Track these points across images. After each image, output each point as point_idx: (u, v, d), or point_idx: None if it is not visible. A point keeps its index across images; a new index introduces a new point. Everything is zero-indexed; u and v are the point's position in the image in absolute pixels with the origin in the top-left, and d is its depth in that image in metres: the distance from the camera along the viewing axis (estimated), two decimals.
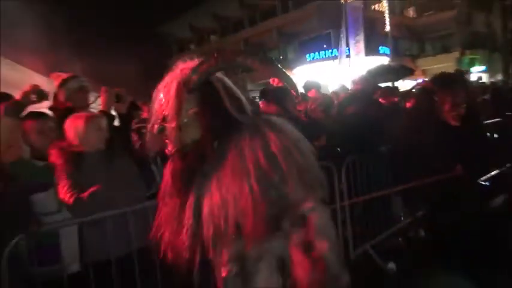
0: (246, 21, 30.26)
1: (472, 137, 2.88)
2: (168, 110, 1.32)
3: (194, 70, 1.32)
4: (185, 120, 1.33)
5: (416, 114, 3.10)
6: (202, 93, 1.33)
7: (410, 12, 28.18)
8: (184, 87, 1.32)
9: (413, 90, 6.86)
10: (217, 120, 1.33)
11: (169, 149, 1.39)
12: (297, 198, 1.23)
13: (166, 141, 1.38)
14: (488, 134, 5.06)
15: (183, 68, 1.38)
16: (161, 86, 1.38)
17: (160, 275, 2.68)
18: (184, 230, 1.34)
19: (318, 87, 5.88)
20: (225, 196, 1.22)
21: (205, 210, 1.27)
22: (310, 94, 5.66)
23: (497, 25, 25.67)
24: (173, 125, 1.32)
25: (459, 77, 4.50)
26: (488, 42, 26.03)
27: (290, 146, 1.24)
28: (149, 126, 1.41)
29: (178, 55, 34.74)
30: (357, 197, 3.99)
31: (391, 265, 3.86)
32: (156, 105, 1.37)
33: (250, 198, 1.18)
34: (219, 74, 1.39)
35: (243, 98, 1.42)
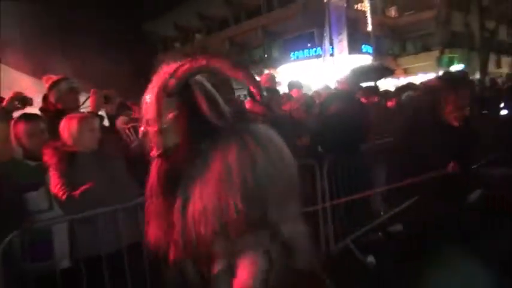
0: (230, 19, 30.27)
1: (469, 138, 2.93)
2: (150, 114, 1.35)
3: (172, 74, 1.33)
4: (165, 124, 1.34)
5: (418, 113, 3.09)
6: (181, 97, 1.33)
7: (392, 11, 28.61)
8: (164, 91, 1.32)
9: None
10: (195, 125, 1.33)
11: (153, 152, 1.40)
12: (277, 218, 1.25)
13: (150, 144, 1.40)
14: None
15: (164, 71, 1.39)
16: (148, 89, 1.40)
17: (149, 271, 2.79)
18: (175, 232, 1.35)
19: (299, 86, 6.02)
20: (206, 204, 1.23)
21: (189, 214, 1.29)
22: (293, 93, 5.80)
23: (475, 25, 26.30)
24: (154, 128, 1.34)
25: (465, 78, 4.56)
26: (466, 42, 26.63)
27: (276, 163, 1.24)
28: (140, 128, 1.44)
29: (163, 54, 34.73)
30: (338, 195, 4.13)
31: (371, 259, 4.02)
32: (143, 109, 1.41)
33: (234, 213, 1.20)
34: (199, 78, 1.38)
35: (222, 103, 1.39)
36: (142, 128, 1.42)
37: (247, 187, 1.21)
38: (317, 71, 17.33)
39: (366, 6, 20.60)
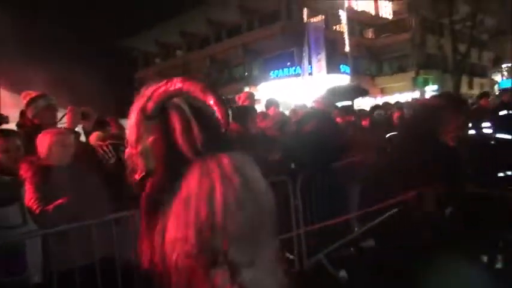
0: (211, 37, 30.63)
1: (460, 157, 2.97)
2: (131, 136, 1.32)
3: (149, 97, 1.30)
4: (145, 147, 1.31)
5: (417, 132, 3.00)
6: (158, 121, 1.30)
7: (369, 33, 29.54)
8: (143, 114, 1.30)
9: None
10: (169, 151, 1.29)
11: (136, 175, 1.36)
12: (238, 259, 1.15)
13: (133, 166, 1.36)
14: None
15: (144, 93, 1.33)
16: (131, 110, 1.35)
17: (122, 285, 2.82)
18: (156, 256, 1.31)
19: (277, 105, 6.18)
20: (173, 236, 1.19)
21: (166, 240, 1.25)
22: (270, 112, 5.95)
23: (448, 48, 27.39)
24: (134, 151, 1.33)
25: (465, 100, 4.63)
26: (440, 64, 27.65)
27: (240, 197, 1.14)
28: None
29: (144, 69, 34.74)
30: (311, 212, 4.25)
31: (343, 273, 4.13)
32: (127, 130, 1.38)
33: (188, 248, 1.15)
34: (178, 100, 1.32)
35: (197, 129, 1.31)
36: (126, 149, 1.38)
37: (200, 221, 1.13)
38: (296, 89, 17.65)
39: (343, 28, 21.20)
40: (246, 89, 21.58)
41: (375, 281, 3.44)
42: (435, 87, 24.93)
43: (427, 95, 20.22)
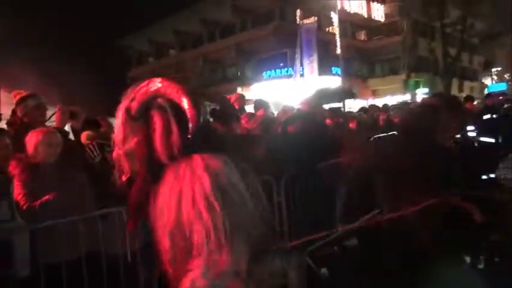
0: (205, 37, 30.67)
1: (455, 159, 2.98)
2: (117, 137, 1.32)
3: (133, 97, 1.28)
4: (129, 149, 1.30)
5: (414, 134, 2.94)
6: (142, 122, 1.28)
7: (362, 35, 29.77)
8: (128, 115, 1.28)
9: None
10: (149, 155, 1.28)
11: (123, 175, 1.36)
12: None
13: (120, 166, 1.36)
14: None
15: (130, 93, 1.32)
16: (118, 109, 1.34)
17: (107, 280, 2.91)
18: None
19: (266, 106, 6.30)
20: (158, 237, 1.22)
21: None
22: (259, 113, 6.06)
23: (439, 51, 27.71)
24: (120, 151, 1.32)
25: (461, 101, 4.64)
26: (431, 67, 27.95)
27: (212, 202, 1.14)
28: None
29: (137, 67, 34.70)
30: (296, 211, 4.35)
31: (324, 270, 4.24)
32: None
33: (164, 250, 1.19)
34: (163, 101, 1.28)
35: (177, 132, 1.28)
36: (113, 149, 1.41)
37: (171, 223, 1.15)
38: (288, 90, 17.77)
39: (336, 29, 21.37)
40: (239, 89, 21.70)
41: (356, 279, 3.57)
42: (426, 90, 25.21)
43: (418, 98, 20.46)
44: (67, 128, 3.59)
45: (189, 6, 28.82)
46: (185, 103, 1.27)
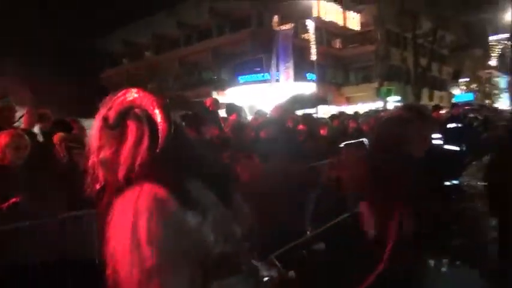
0: (181, 40, 30.55)
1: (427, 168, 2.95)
2: (92, 145, 1.28)
3: (110, 106, 1.25)
4: (104, 157, 1.26)
5: (384, 145, 2.94)
6: (118, 132, 1.24)
7: (337, 43, 30.32)
8: (105, 123, 1.25)
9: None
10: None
11: (96, 183, 1.29)
12: None
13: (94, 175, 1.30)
14: None
15: (108, 101, 1.28)
16: (96, 117, 1.29)
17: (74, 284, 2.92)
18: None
19: (239, 111, 6.38)
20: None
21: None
22: (232, 117, 6.13)
23: (411, 61, 28.60)
24: (96, 160, 1.27)
25: (430, 112, 4.78)
26: (403, 75, 28.77)
27: (153, 236, 1.09)
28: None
29: (111, 69, 34.18)
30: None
31: (291, 273, 4.33)
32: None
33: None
34: (140, 112, 1.25)
35: (147, 146, 1.25)
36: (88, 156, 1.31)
37: (115, 254, 1.11)
38: (264, 95, 17.93)
39: (311, 37, 21.71)
40: (214, 93, 21.71)
41: (322, 281, 3.68)
42: (398, 98, 25.92)
43: (390, 106, 21.01)
44: (36, 129, 3.57)
45: (166, 9, 28.68)
46: (158, 116, 1.24)
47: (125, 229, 1.11)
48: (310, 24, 21.16)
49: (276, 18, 26.09)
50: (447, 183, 6.36)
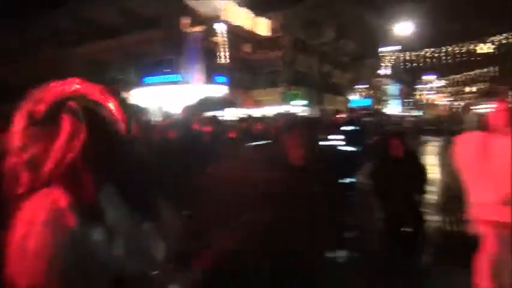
0: (87, 37, 28.72)
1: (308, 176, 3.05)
2: (13, 144, 1.13)
3: (40, 99, 1.13)
4: (32, 157, 1.12)
5: (271, 155, 3.08)
6: (48, 128, 1.12)
7: (247, 48, 30.97)
8: (30, 118, 1.12)
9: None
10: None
11: (19, 188, 1.14)
12: None
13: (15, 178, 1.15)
14: None
15: (34, 94, 1.16)
16: (15, 113, 1.15)
17: None
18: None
19: (143, 112, 6.25)
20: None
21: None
22: None
23: (315, 67, 30.36)
24: (19, 161, 1.12)
25: (301, 122, 4.99)
26: (308, 81, 30.40)
27: (48, 249, 1.04)
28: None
29: (9, 64, 30.82)
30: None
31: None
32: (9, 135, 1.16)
33: None
34: (75, 104, 1.13)
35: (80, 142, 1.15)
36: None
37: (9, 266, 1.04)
38: (173, 97, 17.70)
39: (222, 40, 21.91)
40: (121, 94, 20.69)
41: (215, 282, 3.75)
42: (304, 102, 27.33)
43: (296, 109, 22.07)
44: None
45: (65, 4, 26.76)
46: (112, 105, 1.17)
47: (17, 238, 1.04)
48: (220, 28, 21.36)
49: (187, 20, 25.82)
50: (343, 181, 6.87)
